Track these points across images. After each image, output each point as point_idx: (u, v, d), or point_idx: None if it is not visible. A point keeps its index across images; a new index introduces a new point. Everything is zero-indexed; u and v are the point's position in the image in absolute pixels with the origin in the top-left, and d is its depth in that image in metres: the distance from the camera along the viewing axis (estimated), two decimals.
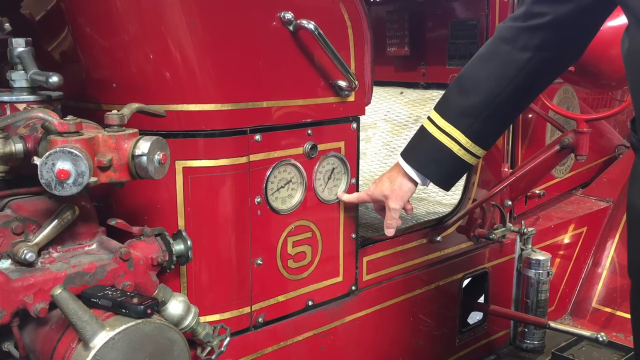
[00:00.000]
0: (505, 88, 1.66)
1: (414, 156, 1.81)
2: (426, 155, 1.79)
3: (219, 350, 1.63)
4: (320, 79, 1.79)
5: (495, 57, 1.67)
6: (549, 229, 3.02)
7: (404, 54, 3.07)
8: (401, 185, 1.82)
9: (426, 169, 1.79)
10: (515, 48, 1.62)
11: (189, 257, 1.55)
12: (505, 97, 1.68)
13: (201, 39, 1.56)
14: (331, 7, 1.78)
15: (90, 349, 1.24)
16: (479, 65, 1.72)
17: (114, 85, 1.62)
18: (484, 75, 1.69)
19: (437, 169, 1.78)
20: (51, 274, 1.32)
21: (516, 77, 1.64)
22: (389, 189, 1.83)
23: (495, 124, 1.77)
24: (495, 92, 1.67)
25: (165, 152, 1.40)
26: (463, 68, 1.77)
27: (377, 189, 1.85)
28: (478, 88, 1.69)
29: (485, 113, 1.70)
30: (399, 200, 1.83)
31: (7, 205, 1.41)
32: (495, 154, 2.61)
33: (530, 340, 2.73)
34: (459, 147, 1.73)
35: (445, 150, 1.74)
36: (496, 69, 1.66)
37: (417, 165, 1.79)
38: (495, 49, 1.68)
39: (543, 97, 2.57)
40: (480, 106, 1.69)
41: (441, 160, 1.77)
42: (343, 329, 2.01)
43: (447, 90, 1.80)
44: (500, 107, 1.70)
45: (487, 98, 1.68)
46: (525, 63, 1.62)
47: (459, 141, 1.72)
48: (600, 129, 3.43)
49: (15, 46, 1.54)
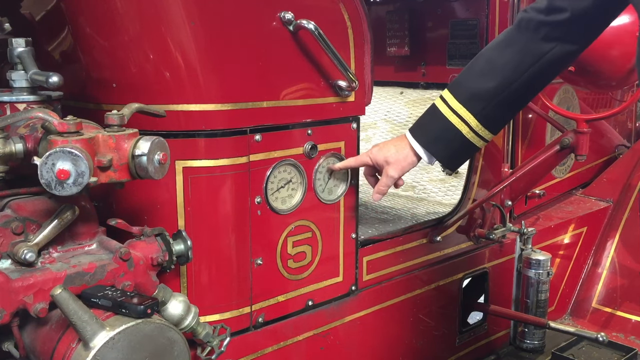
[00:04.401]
0: (522, 75, 1.69)
1: (423, 134, 1.83)
2: (435, 135, 1.81)
3: (219, 350, 1.63)
4: (320, 79, 1.79)
5: (515, 45, 1.70)
6: (549, 229, 3.01)
7: (404, 54, 3.07)
8: (406, 157, 1.84)
9: (434, 147, 1.81)
10: (536, 38, 1.65)
11: (189, 257, 1.55)
12: (520, 85, 1.71)
13: (201, 39, 1.56)
14: (331, 7, 1.78)
15: (90, 349, 1.24)
16: (498, 51, 1.75)
17: (114, 85, 1.62)
18: (502, 61, 1.72)
19: (445, 148, 1.81)
20: (51, 274, 1.32)
21: (533, 65, 1.68)
22: (394, 157, 1.84)
23: (506, 110, 1.80)
24: (512, 78, 1.70)
25: (165, 152, 1.40)
26: (480, 52, 1.81)
27: (381, 153, 1.86)
28: (495, 73, 1.72)
29: (499, 98, 1.73)
30: (400, 170, 1.85)
31: (7, 205, 1.41)
32: (495, 154, 2.61)
33: (530, 340, 2.73)
34: (468, 130, 1.76)
35: (454, 131, 1.77)
36: (515, 56, 1.69)
37: (425, 143, 1.81)
38: (516, 37, 1.71)
39: (543, 97, 2.57)
40: (495, 91, 1.72)
41: (450, 141, 1.79)
42: (343, 329, 2.01)
43: (462, 72, 1.82)
44: (514, 93, 1.73)
45: (502, 83, 1.71)
46: (545, 54, 1.66)
47: (470, 124, 1.75)
48: (600, 129, 3.43)
49: (15, 46, 1.54)
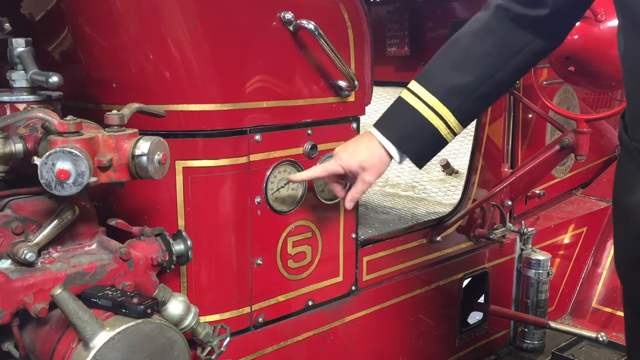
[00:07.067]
0: (501, 69, 1.60)
1: (393, 131, 1.66)
2: (408, 131, 1.66)
3: (219, 350, 1.63)
4: (320, 79, 1.79)
5: (492, 36, 1.59)
6: (549, 229, 3.02)
7: (404, 54, 3.07)
8: (382, 159, 1.67)
9: (407, 145, 1.66)
10: (515, 30, 1.56)
11: (189, 257, 1.55)
12: (499, 78, 1.61)
13: (201, 39, 1.56)
14: (331, 7, 1.78)
15: (90, 349, 1.24)
16: (474, 41, 1.61)
17: (114, 85, 1.62)
18: (480, 53, 1.60)
19: (418, 146, 1.67)
20: (51, 274, 1.32)
21: (513, 58, 1.58)
22: (369, 161, 1.67)
23: (481, 105, 1.70)
24: (490, 72, 1.60)
25: (165, 152, 1.40)
26: (451, 40, 1.66)
27: (353, 159, 1.68)
28: (472, 66, 1.60)
29: (477, 93, 1.62)
30: (377, 174, 1.69)
31: (7, 205, 1.41)
32: (495, 154, 2.61)
33: (530, 340, 2.73)
34: (445, 126, 1.63)
35: (430, 128, 1.63)
36: (493, 48, 1.58)
37: (397, 140, 1.65)
38: (493, 28, 1.59)
39: (543, 97, 2.57)
40: (474, 85, 1.61)
41: (424, 138, 1.65)
42: (343, 329, 2.01)
43: (433, 62, 1.67)
44: (492, 87, 1.63)
45: (481, 77, 1.60)
46: (524, 46, 1.57)
47: (447, 120, 1.62)
48: (600, 129, 3.43)
49: (15, 46, 1.54)
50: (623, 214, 1.46)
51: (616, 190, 1.49)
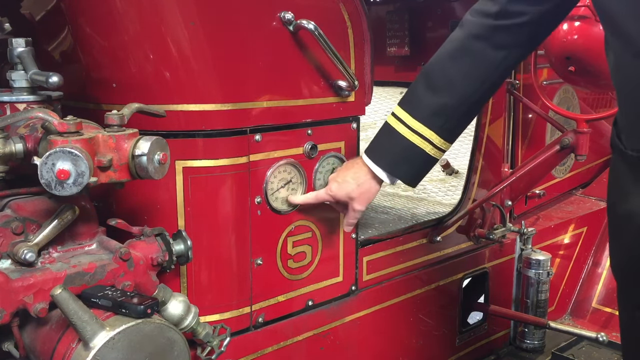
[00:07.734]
0: (480, 87, 1.64)
1: (383, 157, 1.74)
2: (397, 157, 1.72)
3: (219, 350, 1.63)
4: (320, 79, 1.79)
5: (468, 55, 1.62)
6: (549, 229, 3.02)
7: (404, 54, 3.07)
8: (370, 188, 1.76)
9: (398, 170, 1.74)
10: (489, 46, 1.58)
11: (189, 257, 1.55)
12: (480, 96, 1.67)
13: (201, 39, 1.56)
14: (331, 7, 1.78)
15: (90, 349, 1.24)
16: (451, 62, 1.65)
17: (114, 85, 1.62)
18: (458, 75, 1.63)
19: (409, 169, 1.74)
20: (51, 274, 1.32)
21: (492, 75, 1.63)
22: (356, 191, 1.76)
23: (464, 121, 1.74)
24: (470, 91, 1.64)
25: (165, 152, 1.40)
26: (429, 63, 1.70)
27: (341, 190, 1.77)
28: (452, 88, 1.65)
29: (459, 113, 1.67)
30: (366, 202, 1.78)
31: (7, 205, 1.41)
32: (495, 154, 2.61)
33: (530, 340, 2.73)
34: (431, 147, 1.68)
35: (417, 151, 1.69)
36: (470, 68, 1.62)
37: (388, 167, 1.73)
38: (468, 46, 1.62)
39: (543, 97, 2.57)
40: (455, 106, 1.65)
41: (414, 161, 1.72)
42: (343, 329, 2.01)
43: (413, 87, 1.73)
44: (474, 105, 1.69)
45: (461, 98, 1.64)
46: (501, 61, 1.60)
47: (432, 141, 1.68)
48: (600, 129, 3.43)
49: (15, 46, 1.54)
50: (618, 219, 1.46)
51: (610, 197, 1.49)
